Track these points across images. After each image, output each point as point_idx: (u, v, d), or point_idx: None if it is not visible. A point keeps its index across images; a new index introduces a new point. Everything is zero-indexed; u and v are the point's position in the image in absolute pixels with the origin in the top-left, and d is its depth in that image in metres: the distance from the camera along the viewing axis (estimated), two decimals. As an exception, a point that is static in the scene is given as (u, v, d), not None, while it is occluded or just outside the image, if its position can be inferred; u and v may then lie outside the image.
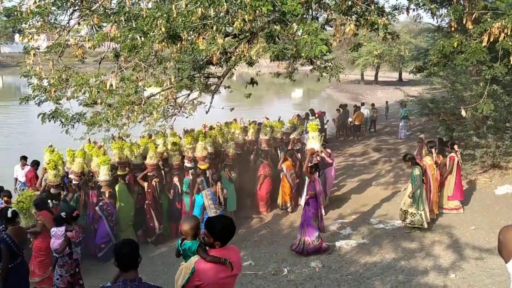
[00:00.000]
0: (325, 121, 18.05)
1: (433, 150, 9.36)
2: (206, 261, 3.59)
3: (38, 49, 8.33)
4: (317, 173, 8.04)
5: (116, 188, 9.06)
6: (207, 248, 3.68)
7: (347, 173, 13.77)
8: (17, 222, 6.13)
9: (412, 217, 8.32)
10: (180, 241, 4.18)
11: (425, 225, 8.30)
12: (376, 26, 7.53)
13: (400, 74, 45.38)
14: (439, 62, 8.85)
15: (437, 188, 9.20)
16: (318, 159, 9.92)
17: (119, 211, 9.06)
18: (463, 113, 9.09)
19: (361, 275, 6.81)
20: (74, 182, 9.06)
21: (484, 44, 7.12)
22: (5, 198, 8.10)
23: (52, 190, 8.35)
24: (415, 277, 6.47)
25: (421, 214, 8.28)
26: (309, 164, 8.16)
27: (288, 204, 10.73)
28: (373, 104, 21.63)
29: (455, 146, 9.64)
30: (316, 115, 13.12)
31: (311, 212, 7.80)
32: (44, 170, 8.76)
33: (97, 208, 8.54)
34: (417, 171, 8.37)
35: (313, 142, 8.42)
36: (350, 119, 19.25)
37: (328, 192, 10.85)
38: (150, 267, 8.47)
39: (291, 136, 11.76)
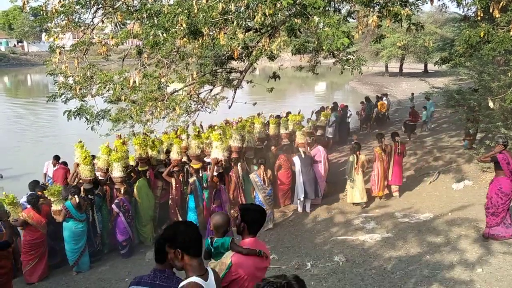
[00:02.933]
0: (348, 114, 17.90)
1: (383, 139, 10.57)
2: (243, 254, 3.64)
3: (64, 47, 8.50)
4: (222, 182, 8.23)
5: (137, 183, 9.19)
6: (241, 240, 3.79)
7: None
8: None
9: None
10: (209, 241, 4.05)
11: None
12: (399, 17, 7.39)
13: (426, 66, 44.55)
14: (465, 52, 8.64)
15: (383, 172, 10.41)
16: (303, 156, 10.29)
17: (140, 206, 9.20)
18: (491, 104, 8.88)
19: (385, 269, 6.76)
20: (100, 178, 9.21)
21: (511, 33, 6.93)
22: (39, 192, 8.43)
23: (85, 185, 8.53)
24: (440, 272, 6.38)
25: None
26: (214, 174, 8.64)
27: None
28: (386, 94, 22.05)
29: (397, 138, 10.59)
30: (299, 111, 13.00)
31: None
32: (76, 166, 8.95)
33: (113, 205, 8.64)
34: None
35: (216, 151, 8.88)
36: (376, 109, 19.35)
37: (322, 189, 10.86)
38: (175, 261, 8.58)
39: (303, 129, 11.66)
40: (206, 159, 9.97)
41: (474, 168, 11.41)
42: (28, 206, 8.00)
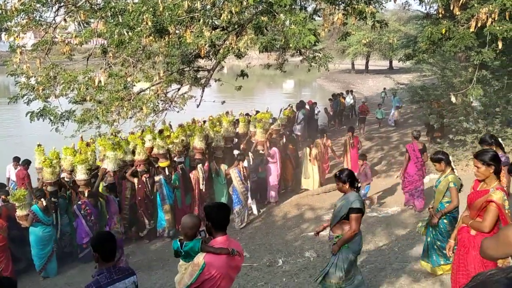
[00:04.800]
0: (316, 112, 18.08)
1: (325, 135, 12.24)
2: (215, 254, 3.63)
3: (25, 47, 8.25)
4: (113, 193, 8.20)
5: (101, 186, 9.01)
6: (211, 240, 3.78)
7: (339, 163, 13.80)
8: None
9: None
10: (178, 243, 3.98)
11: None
12: (364, 15, 7.52)
13: (391, 62, 45.44)
14: (428, 49, 8.88)
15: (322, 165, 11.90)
16: (251, 161, 10.40)
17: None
18: (453, 99, 9.15)
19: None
20: (66, 179, 9.00)
21: (472, 29, 7.14)
22: (3, 197, 8.19)
23: (49, 188, 8.31)
24: (408, 264, 6.51)
25: None
26: (104, 184, 8.60)
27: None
28: (351, 91, 22.55)
29: (349, 133, 11.71)
30: (267, 108, 13.15)
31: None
32: (39, 170, 8.73)
33: (74, 207, 8.44)
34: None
35: (107, 162, 8.77)
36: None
37: (275, 190, 11.08)
38: (145, 262, 8.48)
39: (272, 127, 11.74)
40: (176, 159, 9.92)
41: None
42: None
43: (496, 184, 4.06)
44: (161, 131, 10.12)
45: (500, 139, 6.29)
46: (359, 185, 5.07)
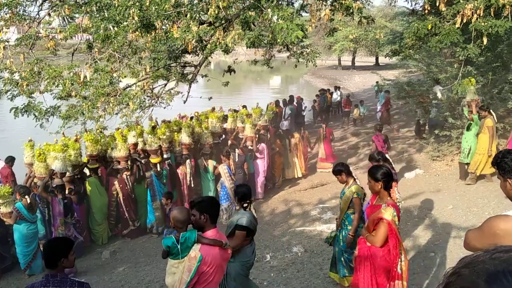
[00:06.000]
0: (303, 107, 18.11)
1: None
2: (210, 245, 3.65)
3: (8, 42, 8.11)
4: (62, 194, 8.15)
5: (87, 182, 8.95)
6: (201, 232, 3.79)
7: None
8: None
9: None
10: (173, 238, 3.79)
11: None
12: (351, 10, 7.53)
13: (377, 59, 45.72)
14: (414, 45, 8.92)
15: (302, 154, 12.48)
16: (237, 158, 10.42)
17: (92, 205, 8.97)
18: (439, 95, 9.22)
19: (342, 258, 6.90)
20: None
21: (457, 25, 7.18)
22: None
23: (38, 183, 8.21)
24: (395, 258, 6.56)
25: None
26: (53, 185, 8.40)
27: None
28: (338, 87, 22.76)
29: (323, 125, 13.03)
30: (257, 104, 13.25)
31: None
32: (30, 167, 8.60)
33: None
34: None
35: (56, 163, 8.46)
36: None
37: (261, 185, 11.23)
38: (132, 259, 8.43)
39: (259, 123, 11.73)
40: (164, 155, 9.88)
41: (424, 157, 11.82)
42: None
43: (387, 200, 4.32)
44: (153, 127, 10.06)
45: (387, 155, 6.40)
46: (245, 205, 4.93)
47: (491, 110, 9.34)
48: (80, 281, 3.46)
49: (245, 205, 4.97)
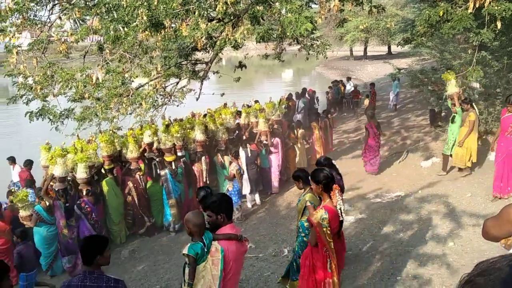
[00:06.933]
0: (315, 100, 18.02)
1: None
2: (227, 240, 3.71)
3: (20, 47, 8.20)
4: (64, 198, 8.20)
5: (103, 183, 9.03)
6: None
7: (341, 150, 13.81)
8: None
9: None
10: (200, 244, 3.70)
11: None
12: (360, 0, 7.47)
13: (389, 48, 45.18)
14: (426, 32, 8.77)
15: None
16: (249, 153, 10.38)
17: (109, 205, 9.06)
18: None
19: (360, 249, 6.87)
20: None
21: (470, 10, 7.04)
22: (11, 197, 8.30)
23: (57, 185, 8.31)
24: (414, 248, 6.52)
25: None
26: (56, 188, 8.38)
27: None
28: (350, 78, 22.40)
29: (329, 115, 13.72)
30: (270, 98, 13.20)
31: None
32: (46, 169, 8.70)
33: (75, 207, 8.39)
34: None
35: (56, 167, 8.31)
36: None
37: (276, 179, 11.21)
38: (151, 257, 8.51)
39: (272, 117, 11.69)
40: (178, 153, 9.91)
41: (440, 146, 11.67)
42: None
43: (325, 203, 4.60)
44: (167, 126, 10.11)
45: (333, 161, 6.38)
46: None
47: (473, 104, 9.37)
48: (115, 278, 3.55)
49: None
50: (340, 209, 4.55)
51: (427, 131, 13.43)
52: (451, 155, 9.58)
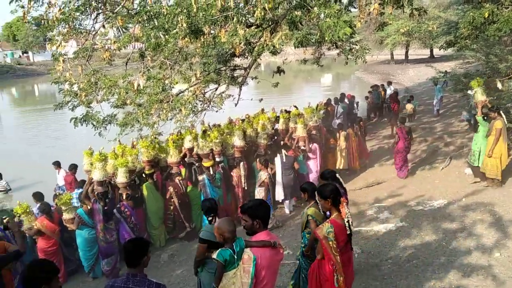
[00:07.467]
0: (355, 105, 17.78)
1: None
2: (259, 247, 3.69)
3: (66, 55, 8.50)
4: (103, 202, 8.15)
5: (143, 187, 9.20)
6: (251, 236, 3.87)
7: (382, 156, 13.54)
8: None
9: None
10: (229, 250, 3.82)
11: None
12: (401, 3, 7.32)
13: (431, 51, 44.11)
14: (471, 34, 8.55)
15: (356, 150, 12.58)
16: (284, 158, 10.23)
17: (148, 209, 9.22)
18: (499, 85, 8.78)
19: (401, 258, 6.70)
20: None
21: (517, 12, 6.81)
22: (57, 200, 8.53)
23: (98, 188, 8.53)
24: (457, 258, 6.30)
25: None
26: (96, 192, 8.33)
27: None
28: (390, 82, 21.67)
29: (361, 122, 13.49)
30: (309, 103, 13.07)
31: None
32: (88, 173, 8.96)
33: (114, 210, 8.55)
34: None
35: (95, 171, 8.31)
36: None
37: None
38: (189, 261, 8.58)
39: (310, 123, 11.59)
40: (217, 158, 9.99)
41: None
42: (40, 215, 8.04)
43: (333, 216, 4.58)
44: (204, 131, 10.22)
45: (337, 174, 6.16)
46: (210, 218, 5.32)
47: (501, 112, 8.98)
48: (157, 282, 3.59)
49: (209, 218, 5.30)
50: (348, 222, 4.55)
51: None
52: (478, 166, 9.41)
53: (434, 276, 5.95)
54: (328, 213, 4.90)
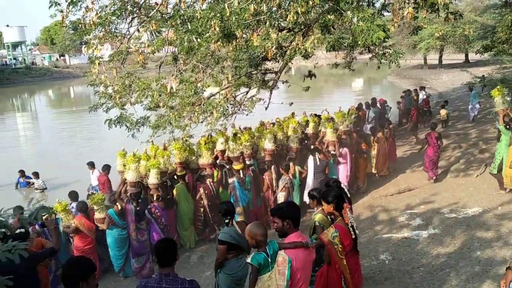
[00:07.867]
0: (386, 109, 17.53)
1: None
2: (292, 248, 3.75)
3: (102, 58, 8.71)
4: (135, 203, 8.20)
5: (176, 188, 9.31)
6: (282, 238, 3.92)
7: (414, 162, 13.29)
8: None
9: None
10: (263, 254, 3.83)
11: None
12: (436, 7, 7.21)
13: (467, 56, 43.13)
14: (508, 39, 8.34)
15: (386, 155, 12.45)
16: (318, 162, 10.23)
17: (179, 211, 9.32)
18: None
19: (433, 266, 6.56)
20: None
21: (558, 15, 6.60)
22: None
23: (131, 189, 8.69)
24: (492, 268, 6.13)
25: None
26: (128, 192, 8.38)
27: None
28: (423, 87, 21.03)
29: (386, 130, 12.75)
30: (340, 108, 12.93)
31: None
32: (121, 174, 9.14)
33: (146, 211, 8.59)
34: None
35: (128, 172, 8.38)
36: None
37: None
38: (219, 263, 8.63)
39: (340, 127, 11.48)
40: (247, 161, 10.02)
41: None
42: (78, 213, 8.22)
43: (336, 221, 4.70)
44: (235, 134, 10.28)
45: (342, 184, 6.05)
46: (226, 221, 5.39)
47: None
48: (189, 279, 3.72)
49: (226, 221, 5.34)
50: (352, 226, 4.62)
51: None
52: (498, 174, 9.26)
53: (468, 286, 5.80)
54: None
